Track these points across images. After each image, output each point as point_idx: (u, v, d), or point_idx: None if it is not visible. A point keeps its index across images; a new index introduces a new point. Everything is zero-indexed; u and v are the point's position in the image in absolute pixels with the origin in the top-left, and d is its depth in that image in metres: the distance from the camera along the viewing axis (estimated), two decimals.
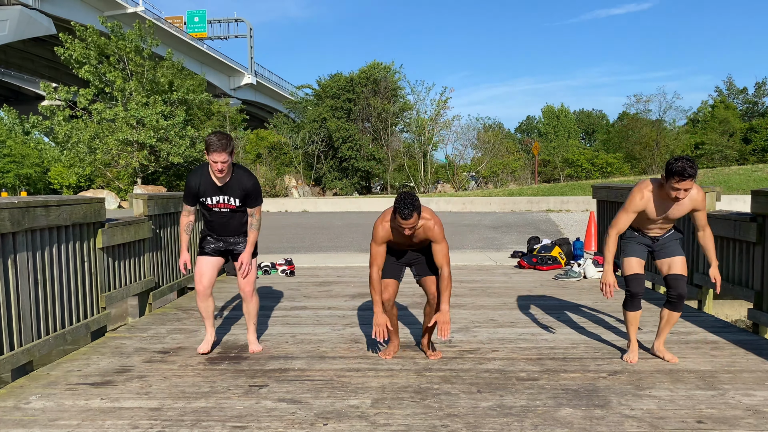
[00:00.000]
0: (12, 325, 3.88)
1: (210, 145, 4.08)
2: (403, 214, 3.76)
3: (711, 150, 45.91)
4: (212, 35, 67.76)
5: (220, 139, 4.08)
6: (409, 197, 3.81)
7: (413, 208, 3.77)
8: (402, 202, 3.78)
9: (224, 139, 4.09)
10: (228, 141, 4.11)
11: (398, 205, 3.79)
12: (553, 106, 64.83)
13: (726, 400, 3.45)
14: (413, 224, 3.83)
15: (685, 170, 3.64)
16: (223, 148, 4.07)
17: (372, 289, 4.10)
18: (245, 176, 4.32)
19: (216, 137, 4.10)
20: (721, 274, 5.47)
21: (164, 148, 33.23)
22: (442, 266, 4.06)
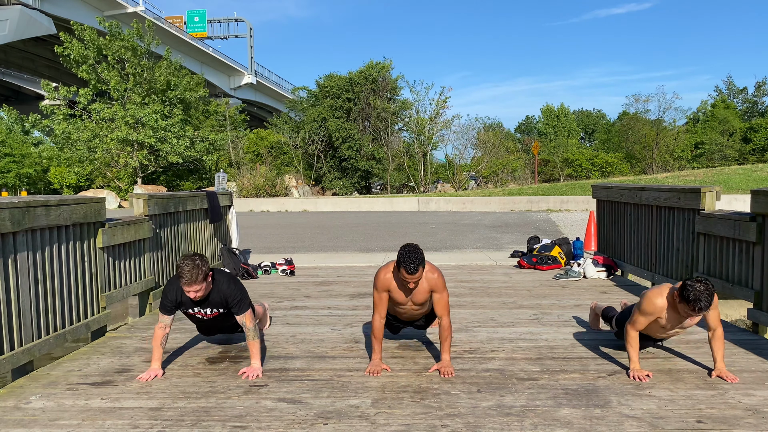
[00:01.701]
0: (12, 324, 3.88)
1: (180, 276, 3.77)
2: (408, 269, 3.71)
3: (711, 150, 45.90)
4: (212, 35, 67.79)
5: (191, 271, 3.74)
6: (414, 251, 3.73)
7: (419, 262, 3.72)
8: (407, 256, 3.71)
9: (195, 271, 3.75)
10: (199, 272, 3.77)
11: (403, 258, 3.72)
12: (552, 106, 64.87)
13: (726, 399, 3.45)
14: (418, 278, 3.79)
15: (698, 302, 3.51)
16: (194, 281, 3.77)
17: (373, 337, 4.05)
18: (225, 286, 4.04)
19: (186, 269, 3.75)
20: (721, 274, 5.48)
21: (163, 147, 33.23)
22: (442, 316, 4.01)
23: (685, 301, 3.58)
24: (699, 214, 5.82)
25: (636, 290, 6.90)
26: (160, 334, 4.02)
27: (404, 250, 3.75)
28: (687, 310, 3.62)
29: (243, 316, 4.07)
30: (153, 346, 4.02)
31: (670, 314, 3.81)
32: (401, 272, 3.78)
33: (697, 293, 3.52)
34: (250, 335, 4.05)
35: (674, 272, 6.43)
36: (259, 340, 4.13)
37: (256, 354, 4.05)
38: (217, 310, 4.17)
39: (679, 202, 6.22)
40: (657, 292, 3.86)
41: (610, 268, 7.82)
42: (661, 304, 3.80)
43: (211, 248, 8.16)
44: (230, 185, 31.35)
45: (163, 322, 4.03)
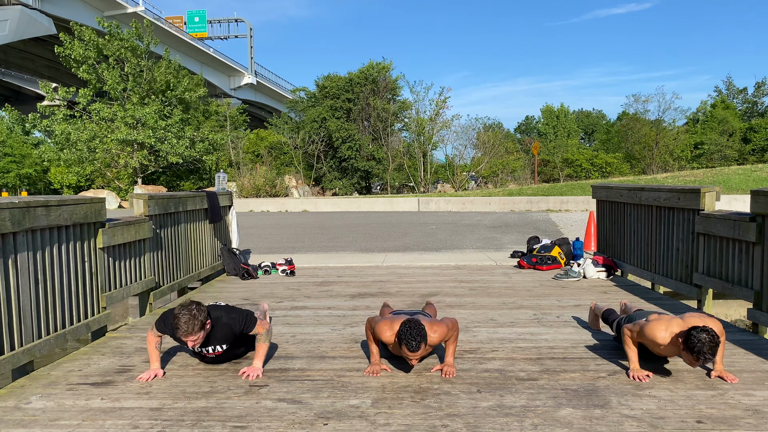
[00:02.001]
0: (12, 325, 3.89)
1: (177, 329, 3.70)
2: (410, 347, 3.63)
3: (710, 150, 45.92)
4: (212, 35, 67.80)
5: (187, 323, 3.67)
6: (415, 327, 3.63)
7: (420, 339, 3.62)
8: (409, 335, 3.61)
9: (192, 322, 3.69)
10: (196, 322, 3.70)
11: (404, 337, 3.62)
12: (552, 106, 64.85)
13: (726, 400, 3.45)
14: (421, 354, 3.73)
15: (702, 355, 3.49)
16: (191, 332, 3.71)
17: (369, 341, 4.05)
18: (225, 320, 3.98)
19: (183, 320, 3.67)
20: (721, 274, 5.48)
21: (163, 147, 33.24)
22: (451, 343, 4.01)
23: (689, 351, 3.55)
24: (699, 214, 5.82)
25: (636, 290, 6.90)
26: (154, 339, 4.01)
27: (405, 328, 3.64)
28: (690, 359, 3.58)
29: (254, 330, 4.05)
30: (149, 349, 4.02)
31: (670, 349, 3.79)
32: (403, 348, 3.69)
33: (701, 346, 3.48)
34: (262, 339, 4.06)
35: (674, 272, 6.43)
36: (269, 344, 4.12)
37: (262, 355, 4.04)
38: (221, 348, 4.10)
39: (679, 202, 6.23)
40: (663, 327, 3.77)
41: (609, 268, 7.83)
42: (662, 339, 3.75)
43: (211, 248, 8.16)
44: (230, 185, 31.35)
45: (156, 334, 4.01)
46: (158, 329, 3.99)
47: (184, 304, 3.78)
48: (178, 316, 3.70)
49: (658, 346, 3.81)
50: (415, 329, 3.64)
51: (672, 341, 3.73)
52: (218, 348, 4.08)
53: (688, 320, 3.74)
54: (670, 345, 3.76)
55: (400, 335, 3.67)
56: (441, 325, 3.93)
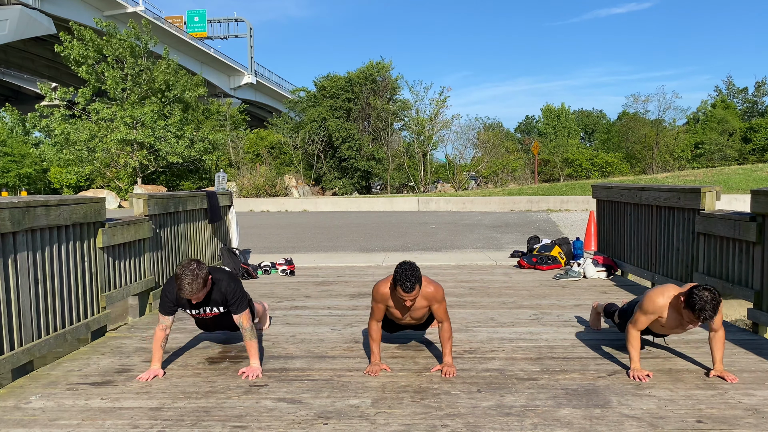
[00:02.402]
0: (12, 324, 3.88)
1: (180, 290, 3.74)
2: (405, 287, 3.70)
3: (711, 149, 45.91)
4: (212, 35, 67.77)
5: (191, 284, 3.71)
6: (410, 268, 3.72)
7: (415, 280, 3.71)
8: (403, 275, 3.70)
9: (194, 282, 3.73)
10: (198, 281, 3.75)
11: (399, 277, 3.71)
12: (552, 106, 64.88)
13: (726, 399, 3.45)
14: (415, 296, 3.78)
15: (703, 312, 3.49)
16: (194, 292, 3.75)
17: (370, 339, 4.08)
18: (224, 285, 4.04)
19: (186, 281, 3.71)
20: (721, 274, 5.48)
21: (163, 147, 33.24)
22: (443, 321, 4.03)
23: (690, 309, 3.56)
24: (699, 214, 5.82)
25: (636, 290, 6.90)
26: (161, 335, 4.01)
27: (400, 269, 3.74)
28: (691, 317, 3.60)
29: (240, 315, 4.06)
30: (153, 347, 4.02)
31: (671, 315, 3.80)
32: (398, 290, 3.76)
33: (702, 303, 3.50)
34: (247, 335, 4.05)
35: (674, 272, 6.43)
36: (257, 340, 4.12)
37: (255, 354, 4.04)
38: (217, 309, 4.17)
39: (679, 202, 6.22)
40: (659, 292, 3.86)
41: (610, 268, 7.82)
42: (662, 303, 3.80)
43: (211, 248, 8.16)
44: (230, 185, 31.35)
45: (164, 323, 4.02)
46: (163, 311, 4.02)
47: (184, 264, 3.79)
48: (180, 276, 3.72)
49: (661, 319, 3.82)
50: (410, 270, 3.72)
51: (672, 303, 3.76)
52: (215, 309, 4.13)
53: (687, 285, 3.78)
54: (672, 311, 3.77)
55: (396, 275, 3.74)
56: (437, 285, 4.02)
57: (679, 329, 3.93)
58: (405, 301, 3.81)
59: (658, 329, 3.99)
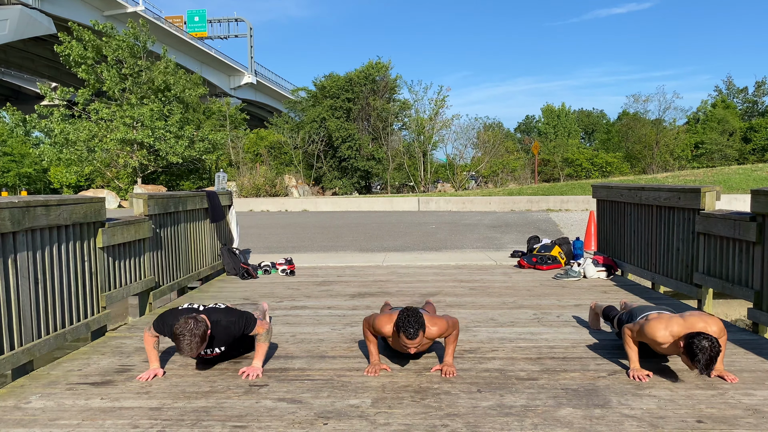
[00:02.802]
0: (12, 324, 3.88)
1: (180, 351, 3.65)
2: (408, 334, 3.65)
3: (711, 150, 45.91)
4: (212, 35, 67.79)
5: (189, 343, 3.62)
6: (414, 315, 3.67)
7: (418, 327, 3.66)
8: (407, 322, 3.65)
9: (193, 341, 3.63)
10: (196, 339, 3.64)
11: (403, 325, 3.66)
12: (553, 106, 64.88)
13: (726, 399, 3.45)
14: (419, 343, 3.74)
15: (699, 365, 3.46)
16: (195, 351, 3.67)
17: (367, 340, 4.07)
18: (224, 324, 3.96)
19: (185, 342, 3.61)
20: (721, 274, 5.48)
21: (163, 147, 33.23)
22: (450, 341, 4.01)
23: (688, 358, 3.53)
24: (699, 213, 5.82)
25: (636, 290, 6.90)
26: (152, 340, 4.01)
27: (404, 316, 3.68)
28: (688, 363, 3.56)
29: (254, 330, 4.05)
30: (147, 349, 4.02)
31: (671, 348, 3.78)
32: (401, 337, 3.70)
33: (701, 356, 3.44)
34: (262, 339, 4.06)
35: (674, 272, 6.43)
36: (269, 343, 4.12)
37: (261, 355, 4.04)
38: (219, 350, 4.09)
39: (679, 201, 6.22)
40: (662, 325, 3.75)
41: (610, 267, 7.82)
42: (662, 338, 3.74)
43: (211, 248, 8.16)
44: (230, 185, 31.35)
45: (153, 334, 4.00)
46: (156, 330, 3.99)
47: (181, 323, 3.66)
48: (179, 337, 3.62)
49: (658, 345, 3.81)
50: (413, 317, 3.68)
51: (673, 342, 3.73)
52: (216, 350, 4.08)
53: (689, 320, 3.73)
54: (670, 345, 3.76)
55: (398, 322, 3.70)
56: (440, 320, 3.95)
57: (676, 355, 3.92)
58: (409, 348, 3.77)
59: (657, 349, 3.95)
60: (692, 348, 3.48)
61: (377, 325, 3.97)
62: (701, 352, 3.44)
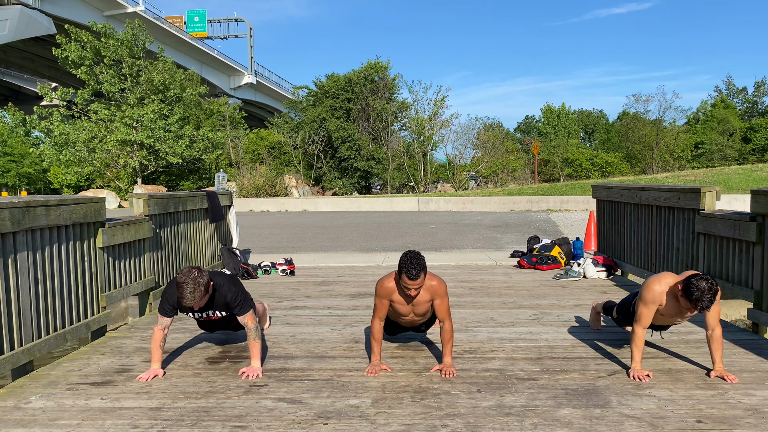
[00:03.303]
0: (12, 324, 3.88)
1: (182, 298, 3.73)
2: (410, 274, 3.73)
3: (711, 149, 45.90)
4: (212, 35, 67.79)
5: (192, 292, 3.71)
6: (416, 257, 3.76)
7: (420, 268, 3.74)
8: (409, 262, 3.73)
9: (196, 291, 3.72)
10: (200, 288, 3.74)
11: (405, 265, 3.74)
12: (552, 106, 64.84)
13: (726, 399, 3.45)
14: (420, 284, 3.80)
15: (700, 302, 3.51)
16: (197, 300, 3.76)
17: (372, 338, 4.09)
18: (226, 289, 4.03)
19: (188, 290, 3.69)
20: (721, 274, 5.48)
21: (162, 147, 33.23)
22: (444, 320, 4.03)
23: (687, 298, 3.59)
24: (699, 214, 5.82)
25: (636, 290, 6.89)
26: (159, 336, 4.01)
27: (406, 257, 3.78)
28: (688, 305, 3.62)
29: (245, 317, 4.06)
30: (152, 347, 4.02)
31: (670, 302, 3.81)
32: (402, 278, 3.78)
33: (700, 293, 3.52)
34: (252, 335, 4.05)
35: (674, 272, 6.42)
36: (261, 341, 4.13)
37: (257, 354, 4.04)
38: (219, 313, 4.16)
39: (679, 202, 6.22)
40: (656, 280, 3.88)
41: (610, 268, 7.82)
42: (660, 290, 3.81)
43: (211, 248, 8.16)
44: (230, 185, 31.33)
45: (162, 324, 4.02)
46: (163, 313, 4.01)
47: (184, 272, 3.80)
48: (182, 285, 3.71)
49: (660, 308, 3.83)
50: (415, 258, 3.77)
51: (670, 291, 3.77)
52: (218, 313, 4.13)
53: (685, 273, 3.81)
54: (670, 299, 3.78)
55: (401, 263, 3.77)
56: (440, 280, 4.03)
57: (678, 318, 3.93)
58: (410, 290, 3.82)
59: (658, 319, 3.98)
60: (690, 286, 3.55)
61: (381, 286, 4.01)
62: (699, 290, 3.51)
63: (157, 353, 4.01)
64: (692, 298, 3.54)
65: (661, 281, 3.84)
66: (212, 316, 4.18)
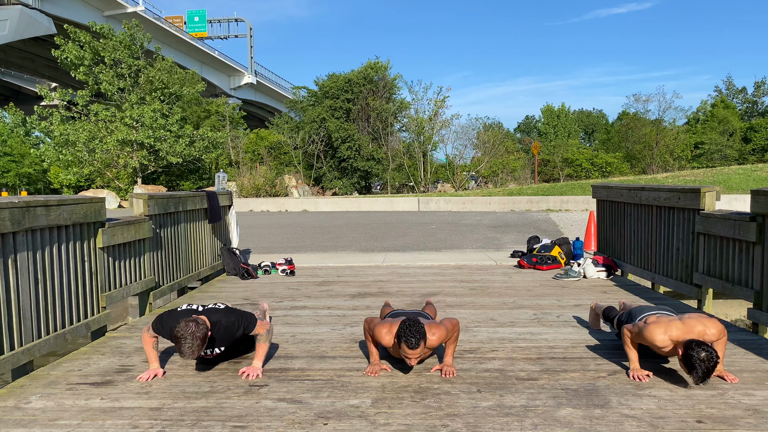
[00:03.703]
0: (12, 324, 3.88)
1: (182, 354, 3.64)
2: (410, 344, 3.63)
3: (711, 150, 45.90)
4: (212, 35, 67.79)
5: (191, 347, 3.63)
6: (415, 325, 3.65)
7: (420, 337, 3.64)
8: (408, 332, 3.63)
9: (194, 344, 3.64)
10: (197, 342, 3.65)
11: (404, 334, 3.63)
12: (552, 106, 64.90)
13: (726, 399, 3.45)
14: (419, 354, 3.72)
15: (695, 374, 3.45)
16: (196, 353, 3.67)
17: (367, 340, 4.07)
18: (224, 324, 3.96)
19: (186, 346, 3.62)
20: (721, 274, 5.48)
21: (163, 147, 33.24)
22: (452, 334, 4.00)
23: (684, 366, 3.52)
24: (699, 214, 5.82)
25: (636, 290, 6.90)
26: (150, 340, 4.01)
27: (405, 326, 3.66)
28: (685, 371, 3.55)
29: (254, 331, 4.05)
30: (146, 350, 4.02)
31: (670, 352, 3.78)
32: (402, 346, 3.68)
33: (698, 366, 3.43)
34: (262, 339, 4.06)
35: (674, 272, 6.43)
36: (269, 344, 4.12)
37: (262, 355, 4.04)
38: (219, 350, 4.09)
39: (679, 202, 6.22)
40: (660, 330, 3.73)
41: (610, 268, 7.82)
42: (661, 342, 3.72)
43: (211, 248, 8.16)
44: (230, 185, 31.34)
45: (152, 335, 4.00)
46: (155, 331, 3.98)
47: (181, 326, 3.66)
48: (180, 340, 3.62)
49: (658, 349, 3.81)
50: (414, 327, 3.65)
51: (672, 346, 3.72)
52: (216, 350, 4.08)
53: (687, 323, 3.72)
54: (669, 349, 3.76)
55: (399, 333, 3.68)
56: (440, 327, 3.92)
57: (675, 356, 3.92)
58: (410, 359, 3.74)
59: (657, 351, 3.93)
60: (690, 360, 3.47)
61: (377, 334, 3.95)
62: (699, 364, 3.43)
63: (152, 353, 4.00)
64: (691, 369, 3.47)
65: (667, 332, 3.71)
66: (211, 354, 4.09)
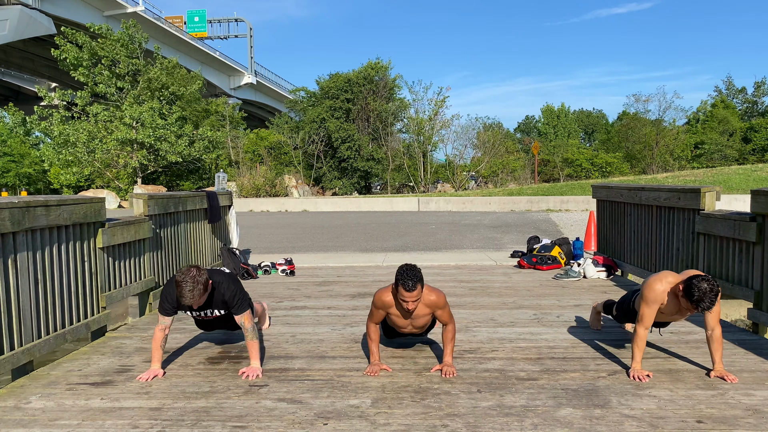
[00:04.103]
0: (12, 325, 3.88)
1: (182, 297, 3.73)
2: (406, 286, 3.71)
3: (711, 150, 45.89)
4: (212, 35, 67.76)
5: (192, 291, 3.72)
6: (412, 269, 3.75)
7: (417, 280, 3.72)
8: (405, 275, 3.72)
9: (195, 289, 3.74)
10: (198, 288, 3.76)
11: (401, 277, 3.73)
12: (552, 106, 64.91)
13: (726, 399, 3.45)
14: (417, 297, 3.77)
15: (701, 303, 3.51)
16: (196, 298, 3.77)
17: (369, 339, 4.08)
18: (225, 287, 4.05)
19: (187, 288, 3.71)
20: (721, 274, 5.48)
21: (163, 147, 33.24)
22: (447, 323, 4.03)
23: (688, 299, 3.59)
24: (699, 214, 5.82)
25: (635, 288, 6.89)
26: (160, 336, 4.01)
27: (402, 269, 3.75)
28: (689, 306, 3.62)
29: (242, 316, 4.07)
30: (153, 347, 4.02)
31: (671, 300, 3.81)
32: (399, 290, 3.75)
33: (701, 294, 3.52)
34: (249, 335, 4.06)
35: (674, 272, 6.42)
36: (258, 340, 4.13)
37: (256, 354, 4.05)
38: (218, 312, 4.18)
39: (679, 202, 6.22)
40: (658, 279, 3.87)
41: (610, 268, 7.82)
42: (662, 289, 3.81)
43: (211, 248, 8.16)
44: (230, 185, 31.34)
45: (163, 324, 4.02)
46: (163, 312, 4.01)
47: (183, 271, 3.80)
48: (181, 283, 3.72)
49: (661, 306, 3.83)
50: (411, 270, 3.74)
51: (672, 291, 3.78)
52: (216, 312, 4.13)
53: (686, 272, 3.81)
54: (671, 297, 3.78)
55: (398, 276, 3.75)
56: (440, 294, 4.00)
57: (678, 316, 3.93)
58: (407, 303, 3.78)
59: (658, 316, 3.98)
60: (691, 288, 3.55)
61: (380, 299, 3.99)
62: (700, 291, 3.51)
63: (158, 353, 4.01)
64: (693, 299, 3.55)
65: (663, 280, 3.85)
66: (211, 315, 4.19)
